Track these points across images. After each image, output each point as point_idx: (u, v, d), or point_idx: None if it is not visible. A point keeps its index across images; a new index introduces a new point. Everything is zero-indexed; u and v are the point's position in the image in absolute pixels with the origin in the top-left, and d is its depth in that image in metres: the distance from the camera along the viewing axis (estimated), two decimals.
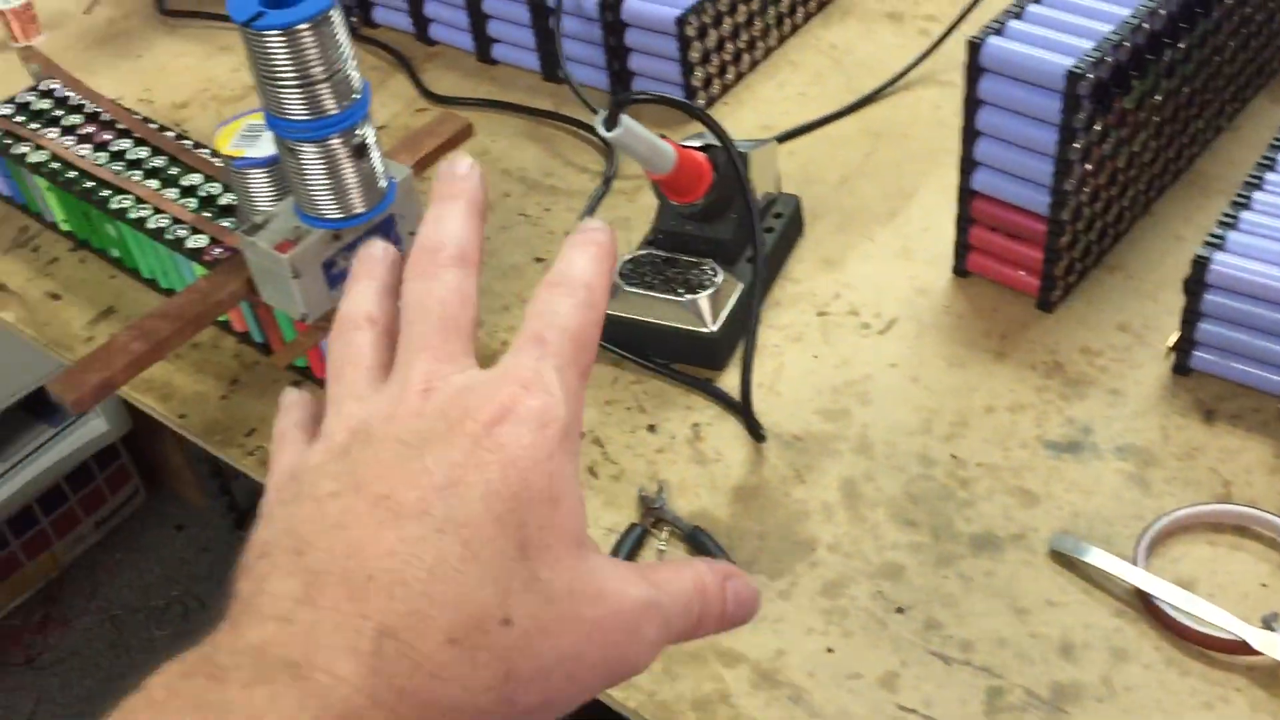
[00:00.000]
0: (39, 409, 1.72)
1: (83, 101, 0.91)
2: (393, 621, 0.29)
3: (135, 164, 0.85)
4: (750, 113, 0.95)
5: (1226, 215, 0.67)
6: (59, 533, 1.85)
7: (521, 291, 0.82)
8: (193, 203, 0.81)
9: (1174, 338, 0.69)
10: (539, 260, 0.84)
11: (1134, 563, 0.61)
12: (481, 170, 0.38)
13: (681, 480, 0.69)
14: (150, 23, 1.15)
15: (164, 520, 1.96)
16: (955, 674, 0.58)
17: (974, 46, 0.68)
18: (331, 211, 0.68)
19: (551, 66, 1.00)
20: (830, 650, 0.60)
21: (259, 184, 0.72)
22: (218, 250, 0.77)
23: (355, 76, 0.65)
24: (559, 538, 0.32)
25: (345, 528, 0.31)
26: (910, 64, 0.95)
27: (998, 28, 0.68)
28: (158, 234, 0.79)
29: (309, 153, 0.66)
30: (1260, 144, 0.84)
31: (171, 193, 0.82)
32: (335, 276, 0.71)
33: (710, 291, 0.73)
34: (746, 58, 0.98)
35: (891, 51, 0.99)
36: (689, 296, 0.73)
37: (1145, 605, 0.59)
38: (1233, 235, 0.66)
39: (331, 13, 0.62)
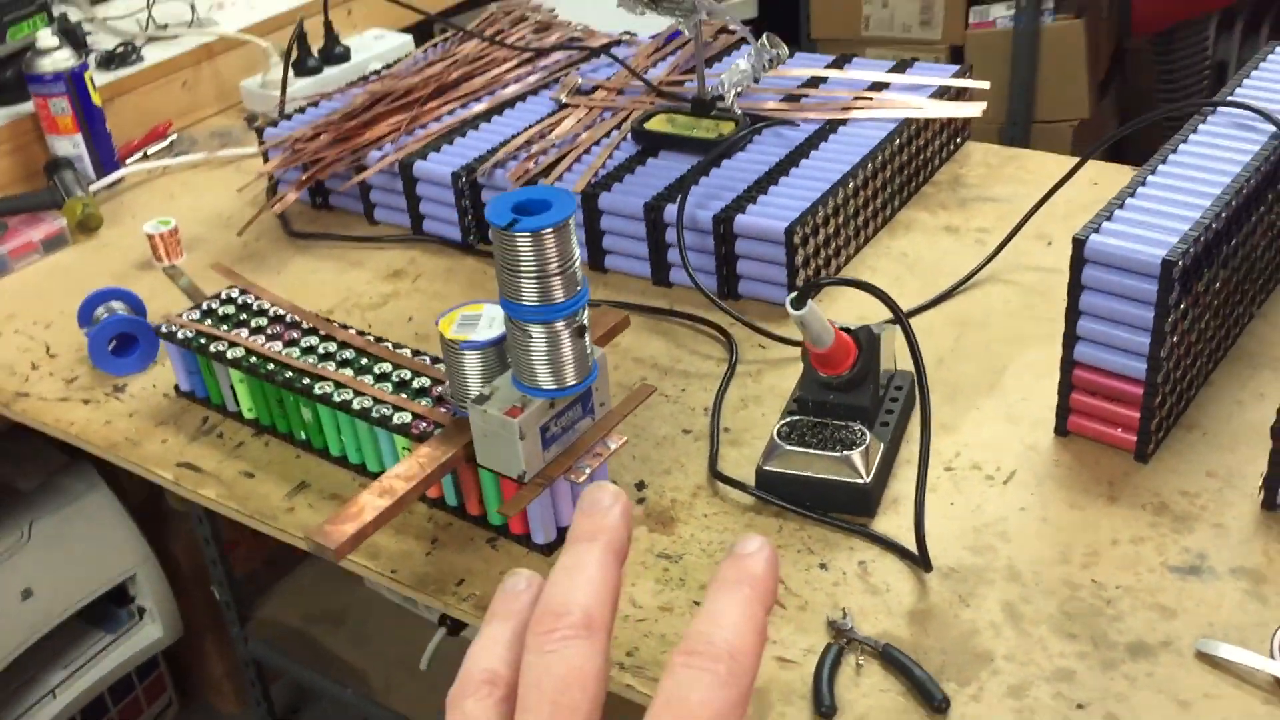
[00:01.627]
0: (97, 616, 1.75)
1: (264, 305, 1.03)
2: None
3: (327, 356, 0.96)
4: (842, 309, 1.09)
5: None
6: None
7: (678, 457, 0.93)
8: (388, 386, 0.92)
9: (1263, 477, 0.82)
10: (686, 431, 0.96)
11: (1271, 658, 0.72)
12: (625, 502, 0.35)
13: (860, 608, 0.79)
14: (280, 244, 1.28)
15: None
16: None
17: (1079, 243, 0.83)
18: (549, 383, 0.80)
19: (661, 273, 1.14)
20: None
21: (473, 363, 0.84)
22: (423, 424, 0.88)
23: (579, 272, 0.78)
24: None
25: None
26: (977, 267, 1.11)
27: (1095, 227, 0.83)
28: (364, 414, 0.90)
29: (538, 333, 0.78)
30: None
31: (366, 379, 0.93)
32: (549, 439, 0.82)
33: (862, 448, 0.85)
34: (834, 263, 1.13)
35: (953, 257, 1.15)
36: (845, 452, 0.85)
37: None
38: None
39: (570, 221, 0.75)
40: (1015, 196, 1.23)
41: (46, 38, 1.32)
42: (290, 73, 1.49)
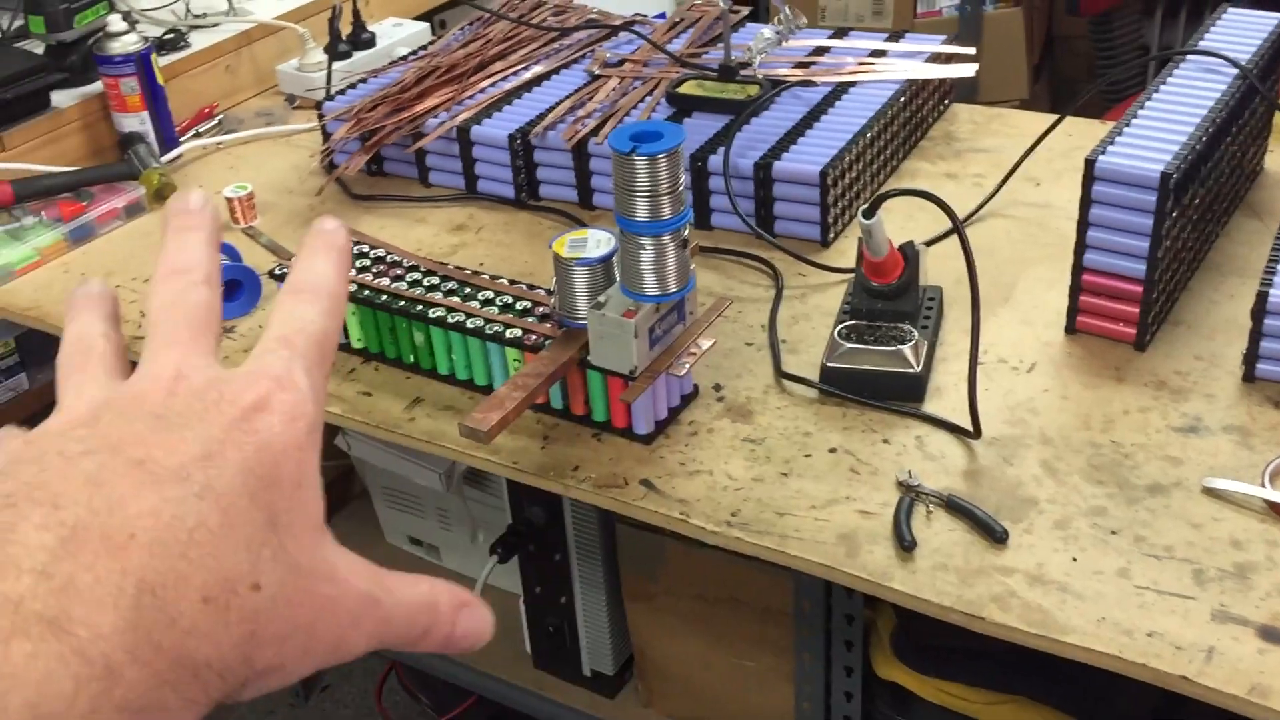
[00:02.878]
0: None
1: (364, 248, 1.15)
2: (152, 578, 0.30)
3: (433, 288, 1.09)
4: None
5: (1271, 261, 0.98)
6: None
7: (745, 364, 1.08)
8: (494, 309, 1.05)
9: (1242, 355, 0.99)
10: (749, 344, 1.10)
11: (1263, 486, 0.88)
12: (213, 202, 0.40)
13: (921, 470, 0.94)
14: (345, 206, 1.40)
15: None
16: (1166, 565, 0.84)
17: (1090, 164, 0.99)
18: (655, 289, 0.94)
19: (703, 218, 1.29)
20: (1075, 559, 0.85)
21: (583, 278, 0.98)
22: (533, 337, 1.01)
23: (684, 192, 0.92)
24: (303, 519, 0.34)
25: (103, 484, 0.31)
26: (982, 202, 1.28)
27: (1102, 150, 1.00)
28: (478, 332, 1.03)
29: (649, 245, 0.92)
30: (1244, 242, 1.18)
31: (474, 304, 1.06)
32: (653, 340, 0.96)
33: (912, 343, 1.01)
34: (855, 205, 1.28)
35: (956, 198, 1.29)
36: (898, 347, 1.00)
37: (1279, 513, 0.87)
38: (1278, 277, 0.97)
39: (680, 148, 0.90)
40: (1002, 148, 1.40)
41: (117, 22, 1.42)
42: (324, 57, 1.62)
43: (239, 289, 1.20)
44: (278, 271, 1.13)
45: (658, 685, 1.55)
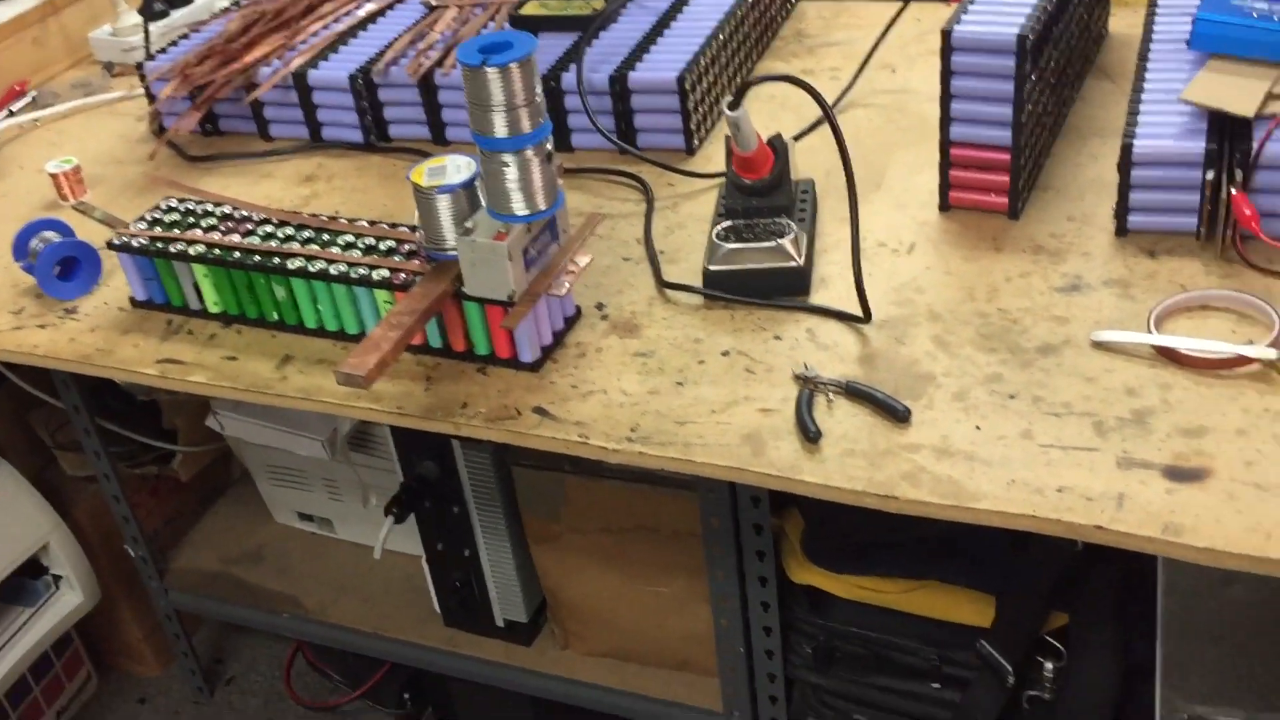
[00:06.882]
0: (12, 593, 1.74)
1: (208, 207, 1.08)
2: None
3: (288, 239, 1.03)
4: None
5: (1130, 115, 0.99)
6: None
7: (626, 278, 1.04)
8: (357, 252, 1.00)
9: (1113, 211, 1.00)
10: (626, 259, 1.07)
11: (1149, 332, 0.89)
12: None
13: (816, 361, 0.92)
14: (182, 170, 1.32)
15: (124, 698, 1.97)
16: (1067, 421, 0.84)
17: (946, 34, 0.98)
18: (524, 209, 0.90)
19: (562, 139, 1.24)
20: (978, 428, 0.85)
21: (446, 206, 0.93)
22: (402, 275, 0.96)
23: (542, 103, 0.88)
24: None
25: None
26: (840, 94, 1.26)
27: (958, 20, 0.99)
28: (343, 278, 0.98)
29: (512, 161, 0.88)
30: (1100, 104, 1.18)
31: (334, 250, 1.01)
32: (529, 261, 0.92)
33: (792, 236, 0.99)
34: (715, 109, 1.26)
35: None
36: (778, 241, 0.98)
37: (1167, 356, 0.87)
38: (1139, 129, 0.97)
39: (532, 57, 0.85)
40: (854, 40, 1.39)
41: None
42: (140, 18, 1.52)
43: (76, 267, 1.12)
44: (116, 242, 1.05)
45: (574, 626, 1.53)
